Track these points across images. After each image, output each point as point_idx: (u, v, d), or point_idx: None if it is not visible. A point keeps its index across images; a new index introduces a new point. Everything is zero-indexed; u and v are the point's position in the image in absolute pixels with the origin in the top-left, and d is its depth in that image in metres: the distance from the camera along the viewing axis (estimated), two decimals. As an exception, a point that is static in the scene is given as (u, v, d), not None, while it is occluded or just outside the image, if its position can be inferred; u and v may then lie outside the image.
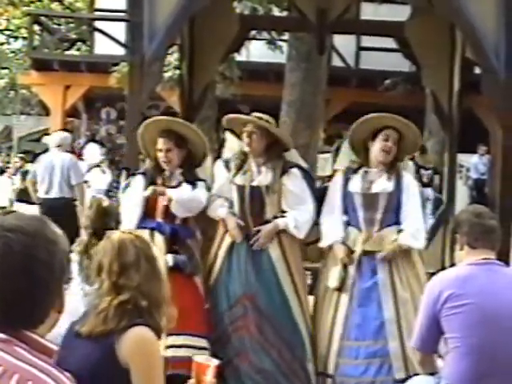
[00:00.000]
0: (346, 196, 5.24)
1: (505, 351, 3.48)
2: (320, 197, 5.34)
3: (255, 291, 5.14)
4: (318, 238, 5.36)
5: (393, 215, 5.19)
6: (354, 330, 5.09)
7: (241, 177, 5.27)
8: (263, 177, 5.22)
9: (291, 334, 5.16)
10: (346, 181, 5.28)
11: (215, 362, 2.96)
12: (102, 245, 2.99)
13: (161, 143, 5.14)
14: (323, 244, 5.34)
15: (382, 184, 5.21)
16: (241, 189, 5.25)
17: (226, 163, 5.37)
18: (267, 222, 5.23)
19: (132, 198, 5.16)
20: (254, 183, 5.22)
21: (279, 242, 5.22)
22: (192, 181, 5.20)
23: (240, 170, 5.28)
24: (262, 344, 5.11)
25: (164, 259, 4.68)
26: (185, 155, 5.22)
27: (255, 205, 5.21)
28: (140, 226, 4.98)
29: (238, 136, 5.38)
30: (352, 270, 5.14)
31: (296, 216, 5.19)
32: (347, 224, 5.25)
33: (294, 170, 5.24)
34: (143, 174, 5.28)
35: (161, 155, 5.16)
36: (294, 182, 5.22)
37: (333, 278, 5.16)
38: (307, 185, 5.27)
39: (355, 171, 5.30)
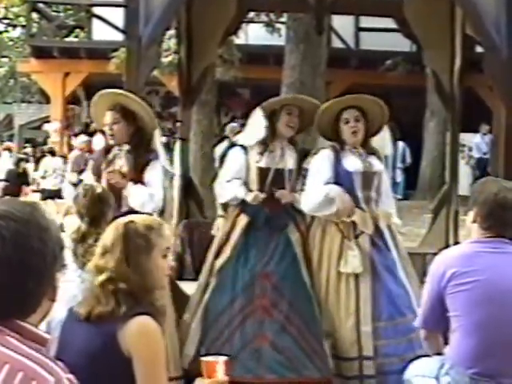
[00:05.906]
0: (339, 175, 5.12)
1: (508, 330, 3.45)
2: None
3: (273, 269, 5.19)
4: None
5: (377, 194, 5.22)
6: (386, 309, 5.02)
7: (266, 159, 5.30)
8: (288, 160, 5.33)
9: (307, 312, 5.19)
10: (337, 159, 5.16)
11: (222, 358, 2.96)
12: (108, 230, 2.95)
13: (107, 116, 5.01)
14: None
15: (377, 163, 5.19)
16: (264, 171, 5.28)
17: (245, 149, 5.35)
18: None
19: None
20: (279, 166, 5.30)
21: (297, 226, 5.29)
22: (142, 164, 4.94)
23: (264, 152, 5.31)
24: (282, 322, 5.13)
25: None
26: (133, 132, 5.01)
27: (274, 187, 5.27)
28: None
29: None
30: (367, 250, 5.08)
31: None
32: None
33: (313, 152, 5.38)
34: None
35: (107, 129, 5.00)
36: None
37: (354, 263, 5.05)
38: None
39: (341, 149, 5.18)
